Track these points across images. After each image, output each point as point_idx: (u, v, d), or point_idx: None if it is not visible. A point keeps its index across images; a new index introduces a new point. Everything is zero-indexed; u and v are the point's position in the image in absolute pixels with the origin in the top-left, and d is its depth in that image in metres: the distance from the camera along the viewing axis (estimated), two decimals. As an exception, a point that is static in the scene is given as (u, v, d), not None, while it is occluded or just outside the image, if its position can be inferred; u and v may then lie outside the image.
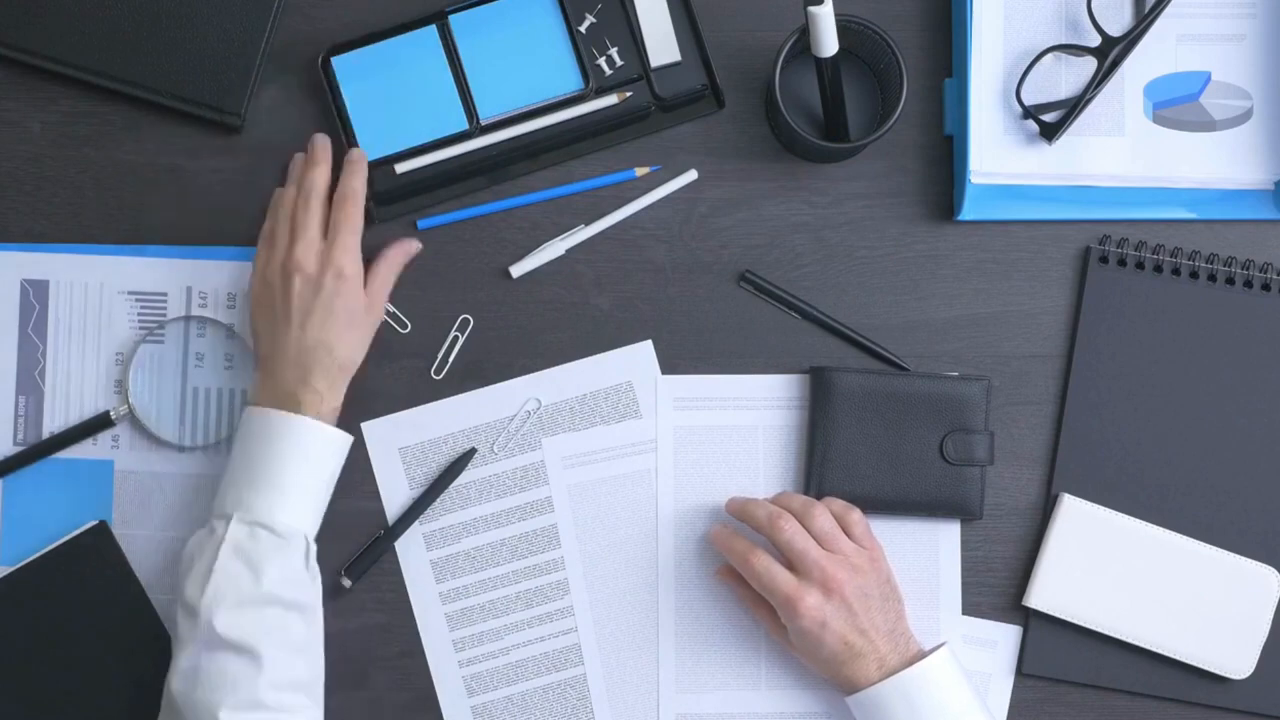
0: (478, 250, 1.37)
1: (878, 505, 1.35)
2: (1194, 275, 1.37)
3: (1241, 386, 1.36)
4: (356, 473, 1.36)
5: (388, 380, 1.37)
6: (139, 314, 1.36)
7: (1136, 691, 1.37)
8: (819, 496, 1.34)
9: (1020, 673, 1.36)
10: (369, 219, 1.35)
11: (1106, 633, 1.35)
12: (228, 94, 1.36)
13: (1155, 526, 1.35)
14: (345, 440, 1.29)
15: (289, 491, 1.25)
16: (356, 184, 1.30)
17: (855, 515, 1.32)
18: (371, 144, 1.35)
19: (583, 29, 1.36)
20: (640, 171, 1.38)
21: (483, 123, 1.36)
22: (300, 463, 1.25)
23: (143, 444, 1.36)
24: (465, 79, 1.36)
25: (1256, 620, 1.35)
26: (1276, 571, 1.35)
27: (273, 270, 1.28)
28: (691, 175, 1.37)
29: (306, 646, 1.25)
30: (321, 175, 1.30)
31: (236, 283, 1.36)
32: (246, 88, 1.35)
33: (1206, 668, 1.35)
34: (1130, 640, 1.35)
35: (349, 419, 1.35)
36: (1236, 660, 1.35)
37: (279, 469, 1.24)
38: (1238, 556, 1.35)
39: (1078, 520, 1.35)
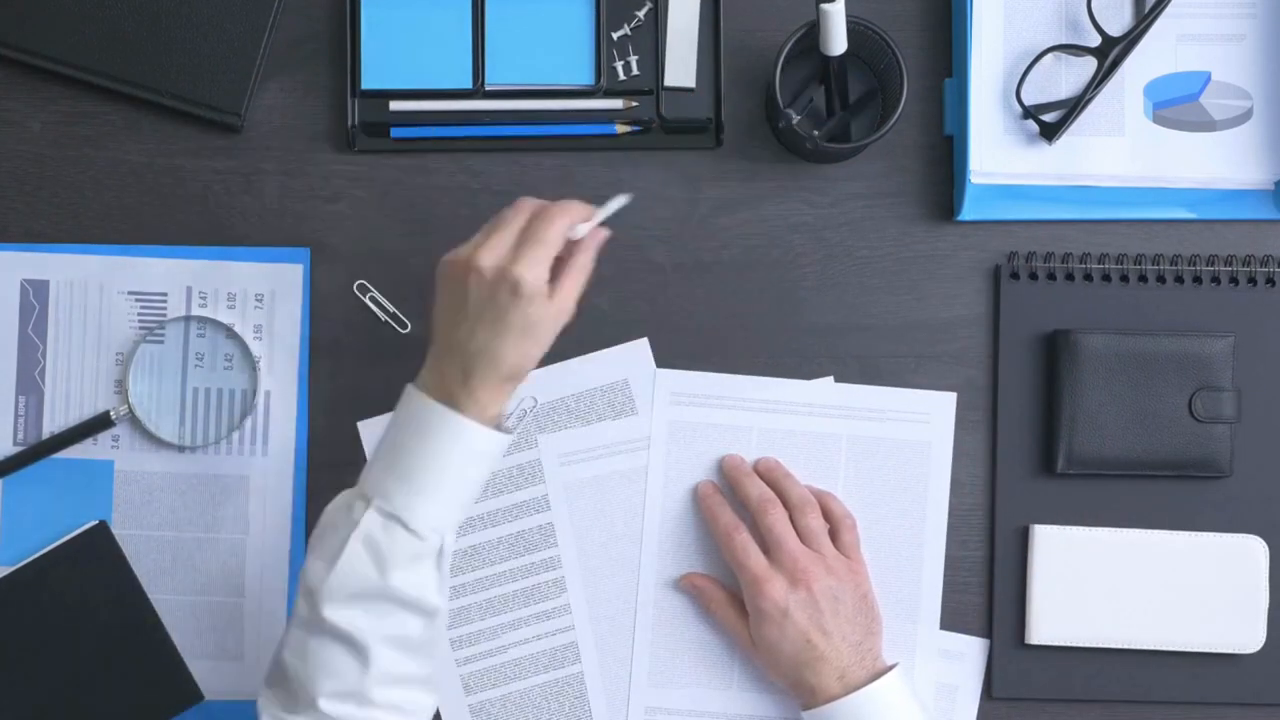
0: (478, 250, 1.37)
1: (1128, 466, 1.35)
2: (1179, 280, 1.37)
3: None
4: (354, 473, 1.36)
5: (388, 380, 1.36)
6: (139, 314, 1.36)
7: (1140, 699, 1.37)
8: (1069, 462, 1.35)
9: (1013, 698, 1.37)
10: (350, 143, 1.37)
11: (1113, 646, 1.35)
12: (228, 94, 1.36)
13: (1131, 530, 1.35)
14: (503, 443, 1.20)
15: (436, 492, 1.17)
16: (576, 212, 1.21)
17: (849, 524, 1.33)
18: (375, 73, 1.37)
19: (615, 35, 1.37)
20: (621, 128, 1.38)
21: (487, 87, 1.37)
22: (452, 464, 1.17)
23: (143, 444, 1.36)
24: (483, 41, 1.37)
25: (1254, 590, 1.35)
26: (1260, 538, 1.35)
27: (458, 262, 1.19)
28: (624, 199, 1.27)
29: (422, 646, 1.18)
30: (559, 215, 1.21)
31: (237, 283, 1.36)
32: (246, 88, 1.36)
33: (1220, 650, 1.35)
34: (1138, 646, 1.35)
35: (348, 418, 1.36)
36: (1246, 635, 1.35)
37: (429, 466, 1.17)
38: (1219, 534, 1.35)
39: (1054, 547, 1.35)
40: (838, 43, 1.27)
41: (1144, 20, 1.35)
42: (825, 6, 1.24)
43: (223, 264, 1.36)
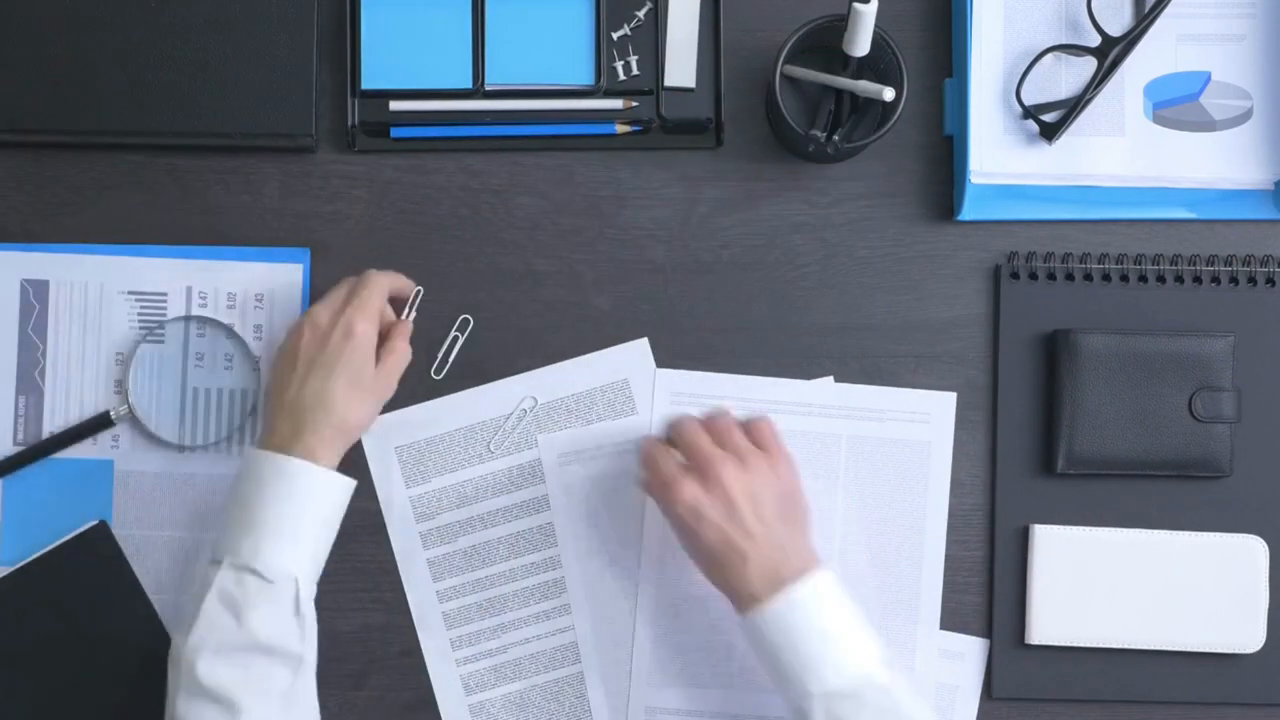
0: (478, 250, 1.37)
1: (1128, 466, 1.35)
2: (1179, 280, 1.37)
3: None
4: (354, 472, 1.36)
5: (387, 380, 1.37)
6: (139, 314, 1.36)
7: (1139, 699, 1.37)
8: (1069, 462, 1.35)
9: (1013, 698, 1.37)
10: (350, 143, 1.37)
11: (1112, 646, 1.35)
12: (295, 117, 1.35)
13: (1131, 530, 1.36)
14: (341, 483, 1.26)
15: (277, 533, 1.22)
16: (400, 282, 1.34)
17: (761, 422, 1.28)
18: (375, 73, 1.37)
19: (614, 35, 1.37)
20: (621, 128, 1.38)
21: (487, 87, 1.37)
22: (288, 503, 1.22)
23: (143, 444, 1.36)
24: (483, 41, 1.37)
25: (1254, 590, 1.35)
26: (1260, 538, 1.36)
27: (293, 324, 1.30)
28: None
29: (292, 697, 1.22)
30: (377, 276, 1.31)
31: (237, 283, 1.36)
32: (311, 105, 1.35)
33: (1220, 650, 1.35)
34: (1138, 646, 1.35)
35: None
36: (1246, 635, 1.35)
37: (266, 510, 1.22)
38: (1220, 534, 1.36)
39: (1054, 546, 1.35)
40: (863, 43, 1.28)
41: (1144, 20, 1.35)
42: (858, 6, 1.24)
43: (223, 264, 1.36)
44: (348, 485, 1.27)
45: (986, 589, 1.37)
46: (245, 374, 1.36)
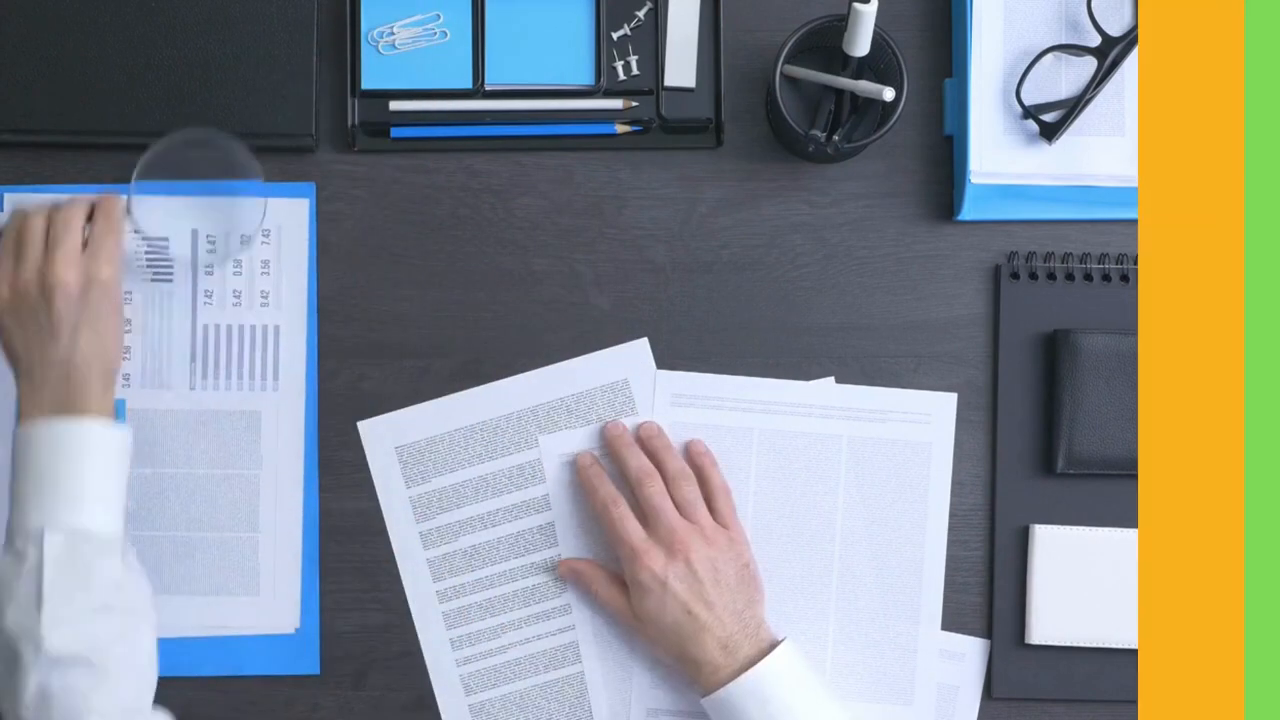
0: (478, 250, 1.37)
1: (1128, 466, 1.35)
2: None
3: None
4: (354, 472, 1.36)
5: (386, 380, 1.37)
6: (146, 255, 1.36)
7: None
8: (1069, 462, 1.35)
9: (1013, 698, 1.37)
10: (350, 143, 1.37)
11: (1112, 646, 1.35)
12: (295, 117, 1.35)
13: (1131, 530, 1.36)
14: (129, 437, 1.24)
15: (97, 498, 1.21)
16: (118, 206, 1.27)
17: (725, 493, 1.33)
18: (375, 73, 1.37)
19: (614, 35, 1.37)
20: (621, 128, 1.38)
21: (487, 87, 1.37)
22: (99, 468, 1.21)
23: (153, 384, 1.36)
24: (483, 41, 1.37)
25: None
26: None
27: (27, 281, 1.23)
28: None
29: (140, 648, 1.21)
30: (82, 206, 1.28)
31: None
32: (311, 105, 1.36)
33: None
34: (1137, 646, 1.35)
35: (345, 417, 1.36)
36: None
37: (80, 477, 1.20)
38: None
39: (1054, 547, 1.35)
40: (863, 43, 1.28)
41: (1144, 20, 1.35)
42: (858, 6, 1.24)
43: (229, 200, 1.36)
44: (130, 437, 1.25)
45: (986, 589, 1.37)
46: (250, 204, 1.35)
